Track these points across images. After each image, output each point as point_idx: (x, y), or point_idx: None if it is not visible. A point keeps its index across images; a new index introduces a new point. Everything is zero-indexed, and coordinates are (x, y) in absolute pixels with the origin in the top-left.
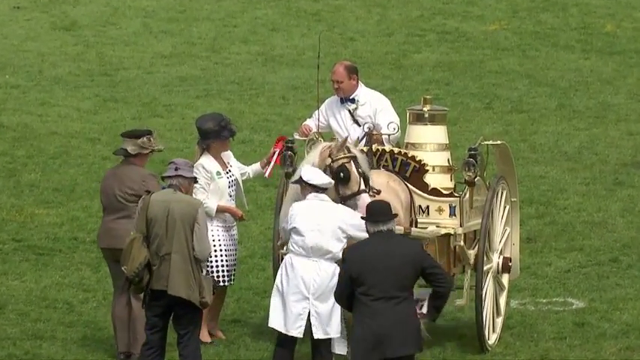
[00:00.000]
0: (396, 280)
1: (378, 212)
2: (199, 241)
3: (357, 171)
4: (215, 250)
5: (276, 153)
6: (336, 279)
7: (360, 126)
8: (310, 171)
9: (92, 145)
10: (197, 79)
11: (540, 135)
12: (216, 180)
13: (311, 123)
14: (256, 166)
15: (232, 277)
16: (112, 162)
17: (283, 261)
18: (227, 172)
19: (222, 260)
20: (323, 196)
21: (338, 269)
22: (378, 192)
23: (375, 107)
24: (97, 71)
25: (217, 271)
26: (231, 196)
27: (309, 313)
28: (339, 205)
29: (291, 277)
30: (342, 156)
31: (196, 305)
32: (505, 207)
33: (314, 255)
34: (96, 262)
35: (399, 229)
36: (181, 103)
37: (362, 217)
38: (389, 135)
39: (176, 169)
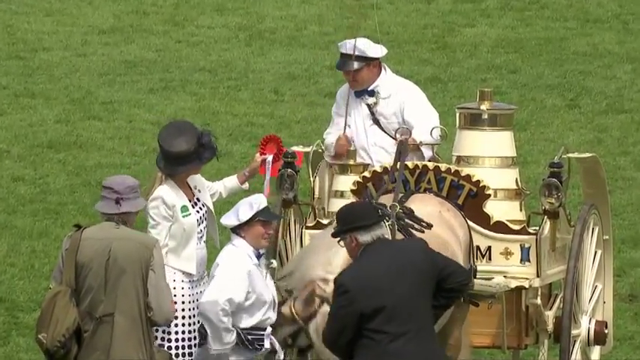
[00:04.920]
0: (419, 302)
1: (362, 214)
2: (158, 296)
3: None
4: (176, 316)
5: (268, 160)
6: None
7: (381, 129)
8: (237, 204)
9: None
10: (151, 64)
11: None
12: (181, 219)
13: (335, 132)
14: (231, 182)
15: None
16: (25, 185)
17: None
18: (195, 205)
19: (186, 330)
20: (236, 239)
21: None
22: (429, 226)
23: (403, 101)
24: (5, 53)
25: (178, 346)
26: (201, 237)
27: None
28: (237, 255)
29: None
30: None
31: None
32: (596, 252)
33: None
34: (3, 331)
35: None
36: (128, 99)
37: (339, 235)
38: (433, 145)
39: (118, 202)
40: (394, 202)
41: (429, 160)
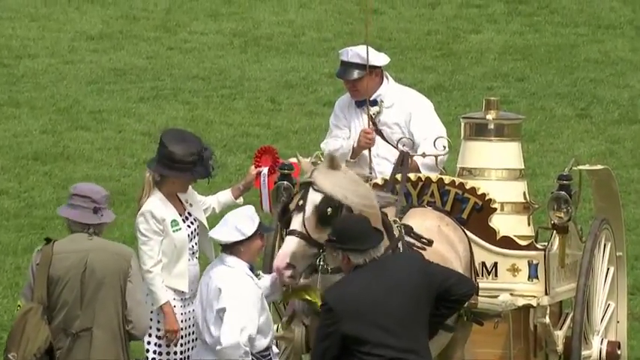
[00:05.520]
0: (413, 318)
1: (359, 236)
2: (137, 309)
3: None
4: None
5: (264, 173)
6: None
7: (385, 139)
8: (228, 218)
9: None
10: (141, 72)
11: None
12: (172, 234)
13: (338, 141)
14: (225, 196)
15: None
16: (10, 198)
17: None
18: (186, 219)
19: (178, 351)
20: (229, 259)
21: None
22: (429, 243)
23: (409, 111)
24: None
25: None
26: (193, 253)
27: None
28: (240, 278)
29: None
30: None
31: None
32: (608, 268)
33: (209, 341)
34: None
35: None
36: (117, 108)
37: (333, 246)
38: (436, 157)
39: (96, 212)
40: (395, 217)
41: None
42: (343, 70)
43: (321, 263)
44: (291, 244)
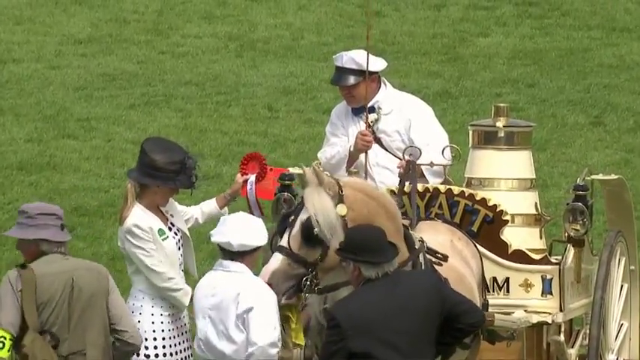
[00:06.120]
0: (420, 340)
1: (374, 248)
2: (126, 317)
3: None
4: (157, 354)
5: (251, 181)
6: None
7: (384, 148)
8: (227, 222)
9: None
10: (132, 77)
11: None
12: (161, 242)
13: (335, 147)
14: (210, 206)
15: None
16: None
17: None
18: (170, 229)
19: None
20: (235, 265)
21: None
22: (445, 258)
23: (408, 118)
24: None
25: None
26: (180, 264)
27: None
28: (255, 280)
29: None
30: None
31: None
32: (622, 285)
33: (229, 350)
34: None
35: None
36: (106, 115)
37: (344, 255)
38: (444, 166)
39: (63, 228)
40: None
41: (441, 184)
42: (338, 76)
43: (308, 283)
44: (274, 261)
